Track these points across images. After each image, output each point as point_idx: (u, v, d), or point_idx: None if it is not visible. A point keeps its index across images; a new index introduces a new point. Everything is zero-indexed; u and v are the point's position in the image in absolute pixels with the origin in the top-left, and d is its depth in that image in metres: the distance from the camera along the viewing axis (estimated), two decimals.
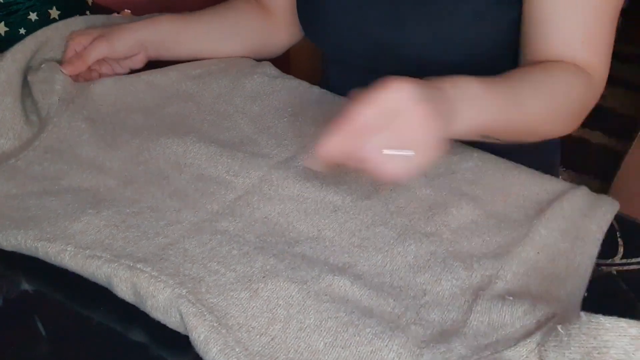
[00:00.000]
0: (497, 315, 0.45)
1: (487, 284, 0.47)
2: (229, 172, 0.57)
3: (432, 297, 0.46)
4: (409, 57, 0.64)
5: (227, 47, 0.74)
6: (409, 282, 0.47)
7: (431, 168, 0.59)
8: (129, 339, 0.45)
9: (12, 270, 0.50)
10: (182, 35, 0.70)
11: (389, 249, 0.50)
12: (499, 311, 0.45)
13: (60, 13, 0.79)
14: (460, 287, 0.47)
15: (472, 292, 0.47)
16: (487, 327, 0.44)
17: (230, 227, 0.51)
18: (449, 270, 0.48)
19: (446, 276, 0.48)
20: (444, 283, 0.47)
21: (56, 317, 0.46)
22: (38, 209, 0.52)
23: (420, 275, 0.48)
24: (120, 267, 0.45)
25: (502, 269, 0.49)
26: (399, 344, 0.42)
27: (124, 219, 0.51)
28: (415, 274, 0.48)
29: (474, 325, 0.44)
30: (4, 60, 0.63)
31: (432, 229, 0.52)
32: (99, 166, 0.57)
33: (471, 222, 0.53)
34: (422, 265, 0.49)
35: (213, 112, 0.66)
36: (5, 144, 0.60)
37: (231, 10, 0.75)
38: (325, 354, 0.41)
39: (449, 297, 0.46)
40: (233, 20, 0.74)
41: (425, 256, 0.50)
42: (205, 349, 0.41)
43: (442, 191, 0.56)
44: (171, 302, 0.43)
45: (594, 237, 0.52)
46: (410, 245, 0.50)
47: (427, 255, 0.50)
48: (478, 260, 0.49)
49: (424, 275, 0.48)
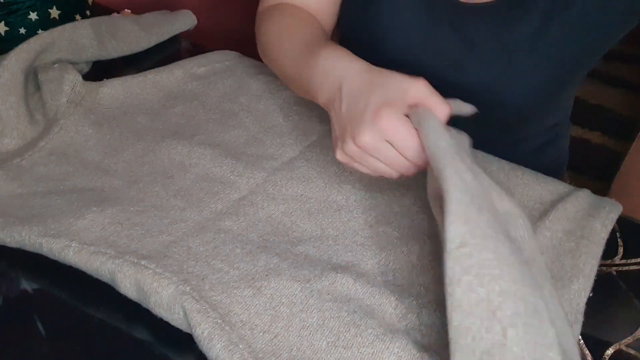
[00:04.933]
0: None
1: None
2: (233, 172, 0.57)
3: (434, 297, 0.46)
4: (463, 95, 0.64)
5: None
6: (412, 281, 0.48)
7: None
8: (130, 338, 0.45)
9: (12, 269, 0.50)
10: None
11: (392, 249, 0.50)
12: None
13: (60, 13, 0.80)
14: None
15: None
16: None
17: (234, 226, 0.51)
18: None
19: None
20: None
21: (56, 316, 0.46)
22: (42, 207, 0.52)
23: (423, 275, 0.48)
24: (124, 264, 0.45)
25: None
26: (400, 346, 0.42)
27: (129, 216, 0.51)
28: (417, 274, 0.48)
29: None
30: (7, 60, 0.63)
31: (436, 230, 0.52)
32: (105, 169, 0.58)
33: None
34: (425, 265, 0.49)
35: (218, 111, 0.66)
36: (10, 143, 0.60)
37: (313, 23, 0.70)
38: (328, 354, 0.42)
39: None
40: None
41: (429, 256, 0.50)
42: (209, 345, 0.41)
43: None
44: (175, 299, 0.43)
45: (598, 236, 0.52)
46: (413, 245, 0.51)
47: (430, 255, 0.50)
48: None
49: (427, 275, 0.48)
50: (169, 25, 0.81)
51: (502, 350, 0.35)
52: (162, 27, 0.80)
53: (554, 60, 0.59)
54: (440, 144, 0.42)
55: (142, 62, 0.78)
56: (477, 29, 0.60)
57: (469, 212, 0.39)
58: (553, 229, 0.52)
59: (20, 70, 0.63)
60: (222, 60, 0.75)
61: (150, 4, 0.90)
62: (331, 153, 0.61)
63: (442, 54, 0.62)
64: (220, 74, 0.73)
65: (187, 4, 0.93)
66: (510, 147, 0.70)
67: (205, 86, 0.70)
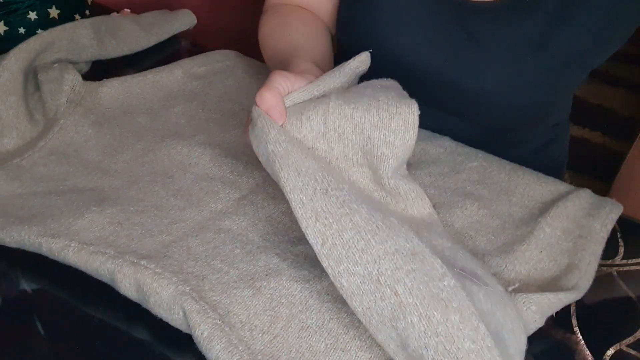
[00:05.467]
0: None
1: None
2: (233, 172, 0.57)
3: None
4: (468, 94, 0.63)
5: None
6: None
7: (436, 168, 0.59)
8: (130, 339, 0.45)
9: (12, 269, 0.50)
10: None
11: None
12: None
13: (60, 12, 0.80)
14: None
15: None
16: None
17: (234, 225, 0.51)
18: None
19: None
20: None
21: (56, 316, 0.46)
22: (42, 207, 0.52)
23: None
24: (124, 263, 0.45)
25: (506, 268, 0.49)
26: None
27: (128, 216, 0.51)
28: None
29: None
30: (7, 59, 0.63)
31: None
32: (104, 169, 0.58)
33: (475, 222, 0.53)
34: None
35: (218, 111, 0.66)
36: (9, 143, 0.60)
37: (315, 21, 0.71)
38: (326, 356, 0.42)
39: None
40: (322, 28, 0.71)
41: None
42: (209, 347, 0.41)
43: (446, 191, 0.56)
44: (175, 299, 0.43)
45: (597, 235, 0.52)
46: None
47: None
48: (482, 258, 0.50)
49: None
50: (168, 24, 0.81)
51: (402, 307, 0.37)
52: (161, 26, 0.80)
53: (560, 61, 0.59)
54: (270, 147, 0.43)
55: (142, 62, 0.78)
56: (483, 28, 0.60)
57: (315, 207, 0.40)
58: (553, 226, 0.52)
59: (19, 70, 0.63)
60: (222, 60, 0.75)
61: (150, 4, 0.90)
62: None
63: (447, 53, 0.62)
64: (220, 73, 0.73)
65: (187, 4, 0.93)
66: (511, 147, 0.70)
67: (205, 86, 0.70)
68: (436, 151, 0.62)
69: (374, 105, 0.44)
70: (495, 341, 0.36)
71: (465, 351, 0.35)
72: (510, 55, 0.60)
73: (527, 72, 0.60)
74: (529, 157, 0.66)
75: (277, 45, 0.64)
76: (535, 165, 0.61)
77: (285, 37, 0.64)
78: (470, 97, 0.63)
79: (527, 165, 0.60)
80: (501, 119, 0.65)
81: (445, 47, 0.62)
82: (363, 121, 0.44)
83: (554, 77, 0.60)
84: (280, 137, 0.43)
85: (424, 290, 0.37)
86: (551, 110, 0.71)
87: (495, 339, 0.36)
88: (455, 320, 0.36)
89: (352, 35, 0.68)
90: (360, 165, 0.46)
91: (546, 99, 0.63)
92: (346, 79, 0.50)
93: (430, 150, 0.62)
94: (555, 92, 0.63)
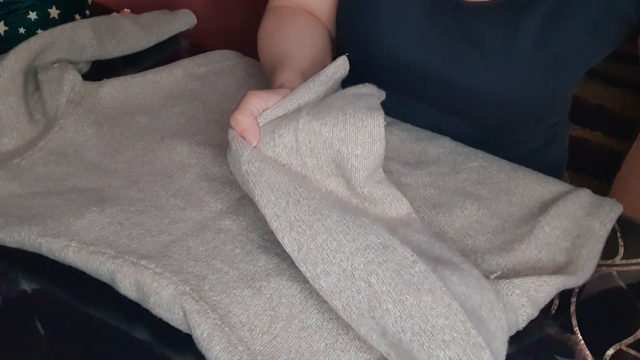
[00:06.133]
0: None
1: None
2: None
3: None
4: (467, 94, 0.64)
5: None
6: None
7: (436, 168, 0.59)
8: (130, 339, 0.45)
9: (12, 269, 0.50)
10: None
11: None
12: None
13: (60, 12, 0.80)
14: None
15: None
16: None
17: (234, 225, 0.51)
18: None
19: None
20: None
21: (56, 316, 0.46)
22: (42, 207, 0.52)
23: None
24: (124, 263, 0.45)
25: (505, 267, 0.49)
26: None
27: (128, 216, 0.51)
28: None
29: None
30: (7, 59, 0.63)
31: (436, 229, 0.52)
32: (104, 169, 0.58)
33: (475, 221, 0.53)
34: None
35: (218, 111, 0.66)
36: (9, 143, 0.60)
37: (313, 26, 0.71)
38: (326, 356, 0.42)
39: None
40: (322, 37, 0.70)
41: None
42: (209, 347, 0.41)
43: (446, 191, 0.56)
44: (174, 299, 0.43)
45: (596, 234, 0.52)
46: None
47: None
48: (482, 257, 0.50)
49: None
50: (168, 24, 0.81)
51: (377, 297, 0.38)
52: (161, 26, 0.80)
53: (557, 59, 0.59)
54: (243, 168, 0.46)
55: (142, 62, 0.78)
56: (481, 28, 0.60)
57: (289, 217, 0.42)
58: (552, 225, 0.52)
59: (20, 70, 0.63)
60: (222, 60, 0.75)
61: (150, 4, 0.90)
62: None
63: (445, 54, 0.62)
64: (220, 73, 0.73)
65: (187, 4, 0.93)
66: (511, 147, 0.70)
67: (205, 86, 0.70)
68: (436, 151, 0.62)
69: (341, 119, 0.46)
70: (472, 318, 0.37)
71: (439, 327, 0.36)
72: (507, 55, 0.60)
73: (524, 71, 0.60)
74: (528, 157, 0.66)
75: (270, 49, 0.65)
76: (535, 165, 0.61)
77: (278, 42, 0.65)
78: (469, 96, 0.63)
79: (527, 165, 0.60)
80: (500, 118, 0.65)
81: (443, 47, 0.62)
82: (331, 136, 0.46)
83: (550, 75, 0.60)
84: (253, 157, 0.46)
85: (396, 278, 0.38)
86: (549, 109, 0.71)
87: (472, 316, 0.38)
88: (427, 300, 0.37)
89: (351, 36, 0.68)
90: (335, 175, 0.48)
91: (544, 97, 0.63)
92: (323, 87, 0.51)
93: (430, 150, 0.62)
94: (553, 91, 0.63)
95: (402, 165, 0.59)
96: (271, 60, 0.63)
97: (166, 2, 0.96)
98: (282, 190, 0.44)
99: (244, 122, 0.47)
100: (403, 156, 0.61)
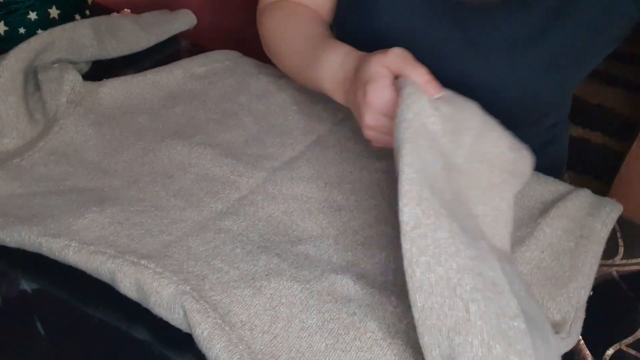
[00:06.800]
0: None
1: None
2: (233, 172, 0.57)
3: None
4: (466, 93, 0.64)
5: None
6: None
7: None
8: (130, 338, 0.45)
9: (12, 269, 0.50)
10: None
11: (393, 248, 0.50)
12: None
13: (60, 12, 0.79)
14: None
15: None
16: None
17: (234, 226, 0.51)
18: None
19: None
20: None
21: (56, 316, 0.46)
22: (42, 207, 0.52)
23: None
24: (124, 263, 0.45)
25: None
26: (397, 353, 0.42)
27: (128, 216, 0.51)
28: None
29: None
30: (7, 59, 0.63)
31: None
32: (105, 169, 0.58)
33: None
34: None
35: (218, 111, 0.66)
36: (9, 143, 0.60)
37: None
38: (327, 356, 0.42)
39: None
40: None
41: None
42: (209, 346, 0.41)
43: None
44: (175, 299, 0.43)
45: (598, 235, 0.52)
46: None
47: None
48: None
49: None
50: (168, 24, 0.81)
51: (467, 325, 0.37)
52: (161, 26, 0.80)
53: (556, 58, 0.59)
54: (406, 115, 0.43)
55: (142, 62, 0.78)
56: (480, 28, 0.60)
57: (422, 192, 0.40)
58: (553, 226, 0.52)
59: (20, 70, 0.63)
60: (222, 60, 0.75)
61: (150, 4, 0.90)
62: (331, 153, 0.61)
63: (445, 53, 0.62)
64: (220, 73, 0.73)
65: (187, 4, 0.93)
66: None
67: (205, 86, 0.70)
68: None
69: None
70: None
71: None
72: (507, 54, 0.60)
73: (525, 71, 0.60)
74: None
75: (297, 37, 0.64)
76: (535, 165, 0.61)
77: (304, 27, 0.65)
78: (469, 96, 0.63)
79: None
80: (499, 117, 0.65)
81: (441, 47, 0.62)
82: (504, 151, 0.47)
83: (551, 75, 0.60)
84: (424, 111, 0.43)
85: (494, 321, 0.37)
86: (549, 108, 0.71)
87: None
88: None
89: (350, 35, 0.68)
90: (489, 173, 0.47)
91: (543, 96, 0.63)
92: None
93: None
94: (552, 90, 0.63)
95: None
96: (306, 44, 0.62)
97: (166, 2, 0.96)
98: (428, 164, 0.41)
99: (428, 74, 0.46)
100: None
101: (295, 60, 0.64)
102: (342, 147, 0.62)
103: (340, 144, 0.62)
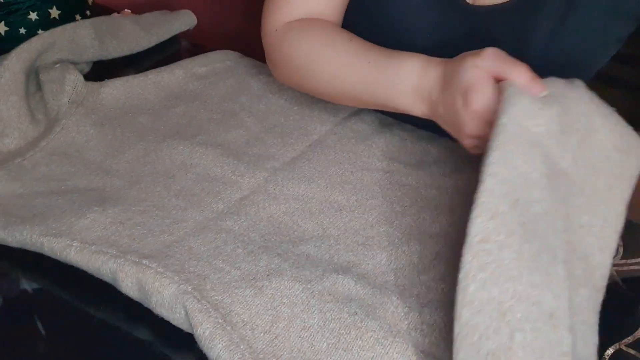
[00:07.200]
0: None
1: None
2: (234, 173, 0.57)
3: (436, 297, 0.47)
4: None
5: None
6: (413, 281, 0.48)
7: (437, 168, 0.59)
8: (131, 338, 0.45)
9: (13, 269, 0.50)
10: None
11: (394, 248, 0.50)
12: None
13: (61, 13, 0.80)
14: None
15: None
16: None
17: (235, 226, 0.51)
18: (454, 270, 0.48)
19: (450, 276, 0.48)
20: (449, 282, 0.48)
21: (56, 316, 0.46)
22: (44, 207, 0.52)
23: (424, 274, 0.48)
24: (126, 263, 0.45)
25: None
26: (399, 352, 0.42)
27: (130, 216, 0.51)
28: (419, 274, 0.48)
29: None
30: (8, 59, 0.63)
31: (437, 230, 0.52)
32: (106, 169, 0.58)
33: None
34: (426, 264, 0.49)
35: (219, 111, 0.67)
36: (11, 143, 0.60)
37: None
38: (328, 355, 0.42)
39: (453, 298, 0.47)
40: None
41: (430, 256, 0.50)
42: (210, 345, 0.41)
43: (447, 191, 0.56)
44: (176, 298, 0.43)
45: None
46: (414, 244, 0.51)
47: (431, 255, 0.50)
48: None
49: (428, 274, 0.48)
50: (169, 25, 0.81)
51: (508, 353, 0.35)
52: (162, 27, 0.80)
53: (569, 60, 0.59)
54: (499, 120, 0.40)
55: (143, 62, 0.78)
56: (491, 31, 0.60)
57: (500, 205, 0.37)
58: None
59: (21, 70, 0.63)
60: (223, 60, 0.76)
61: (150, 4, 0.90)
62: (333, 153, 0.61)
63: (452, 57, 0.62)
64: (221, 74, 0.73)
65: (187, 4, 0.93)
66: None
67: (206, 86, 0.70)
68: (437, 151, 0.62)
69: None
70: None
71: None
72: (519, 58, 0.60)
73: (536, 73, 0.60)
74: None
75: (346, 55, 0.59)
76: None
77: (348, 40, 0.60)
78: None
79: None
80: None
81: (453, 51, 0.62)
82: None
83: (561, 76, 0.60)
84: (526, 114, 0.41)
85: (539, 354, 0.35)
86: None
87: None
88: None
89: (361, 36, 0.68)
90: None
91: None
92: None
93: (431, 150, 0.62)
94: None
95: (404, 165, 0.59)
96: (361, 61, 0.57)
97: (166, 2, 0.96)
98: (514, 176, 0.38)
99: (529, 71, 0.43)
100: (404, 156, 0.61)
101: (351, 81, 0.58)
102: (343, 147, 0.62)
103: (342, 144, 0.62)
